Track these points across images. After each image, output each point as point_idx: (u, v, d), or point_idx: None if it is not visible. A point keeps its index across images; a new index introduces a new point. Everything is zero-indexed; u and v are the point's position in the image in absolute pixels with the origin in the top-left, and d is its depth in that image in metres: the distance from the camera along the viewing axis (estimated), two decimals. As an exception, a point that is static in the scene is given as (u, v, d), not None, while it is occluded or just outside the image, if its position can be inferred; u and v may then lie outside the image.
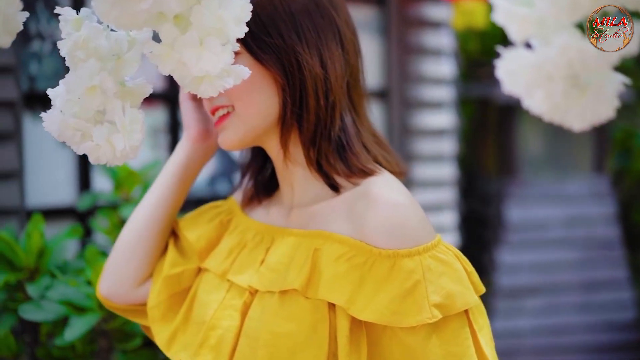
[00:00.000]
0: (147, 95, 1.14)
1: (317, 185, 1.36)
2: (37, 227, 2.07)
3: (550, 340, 4.75)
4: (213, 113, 1.37)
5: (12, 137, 2.64)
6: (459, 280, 1.25)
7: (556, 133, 4.89)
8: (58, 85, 1.10)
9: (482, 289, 1.29)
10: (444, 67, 4.05)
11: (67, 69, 1.08)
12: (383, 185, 1.30)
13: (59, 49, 1.08)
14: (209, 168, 3.45)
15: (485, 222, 5.07)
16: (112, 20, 1.03)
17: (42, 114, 1.09)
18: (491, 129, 5.28)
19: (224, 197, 1.51)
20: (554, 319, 4.78)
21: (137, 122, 1.10)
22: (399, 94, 3.95)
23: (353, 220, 1.27)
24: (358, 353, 1.23)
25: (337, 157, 1.33)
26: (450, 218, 4.14)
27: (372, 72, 3.94)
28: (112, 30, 1.10)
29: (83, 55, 1.07)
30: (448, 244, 1.29)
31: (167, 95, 3.32)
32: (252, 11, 1.08)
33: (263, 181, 1.50)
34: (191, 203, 1.79)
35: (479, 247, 5.00)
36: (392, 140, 3.95)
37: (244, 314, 1.31)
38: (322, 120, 1.31)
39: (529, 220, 4.88)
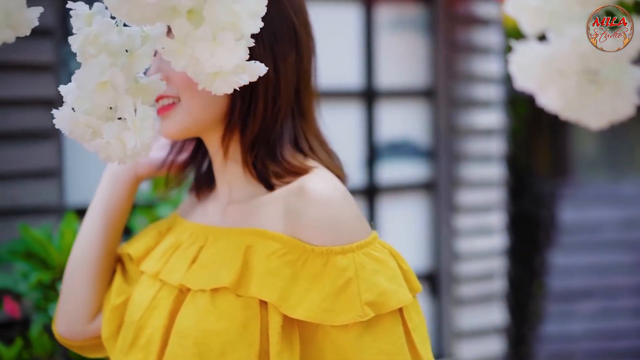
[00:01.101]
0: (160, 92, 1.12)
1: (252, 183, 1.35)
2: (70, 225, 2.07)
3: (604, 345, 4.70)
4: (157, 100, 1.34)
5: (51, 135, 2.65)
6: (393, 279, 1.23)
7: (612, 132, 4.79)
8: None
9: (419, 288, 1.28)
10: (493, 66, 4.01)
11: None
12: (317, 181, 1.27)
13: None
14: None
15: (537, 223, 5.01)
16: (124, 15, 1.00)
17: (54, 111, 1.07)
18: (544, 128, 5.22)
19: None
20: (607, 323, 4.72)
21: (148, 120, 1.08)
22: (446, 93, 3.93)
23: (287, 217, 1.25)
24: (290, 351, 1.22)
25: (272, 161, 1.32)
26: (497, 219, 4.10)
27: (418, 71, 3.92)
28: (125, 25, 1.07)
29: (94, 50, 1.04)
30: (384, 241, 1.28)
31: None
32: None
33: (202, 176, 1.50)
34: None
35: (530, 249, 4.94)
36: (439, 140, 3.94)
37: (173, 312, 1.30)
38: (266, 125, 1.31)
39: (583, 221, 4.82)
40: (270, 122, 1.32)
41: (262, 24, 1.05)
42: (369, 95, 3.79)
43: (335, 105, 3.72)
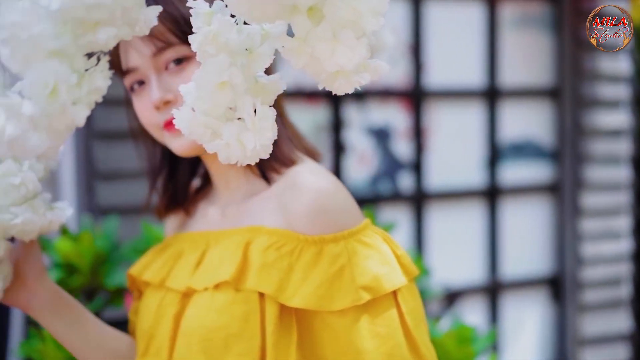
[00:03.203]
0: (281, 91, 1.10)
1: (250, 180, 1.40)
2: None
3: None
4: (167, 126, 1.36)
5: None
6: (386, 263, 1.28)
7: None
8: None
9: (415, 272, 1.33)
10: (621, 64, 3.91)
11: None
12: (307, 173, 1.33)
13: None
14: (369, 168, 3.43)
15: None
16: (244, 13, 0.99)
17: (174, 111, 1.07)
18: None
19: (385, 198, 1.44)
20: None
21: (268, 120, 1.06)
22: (572, 92, 3.84)
23: (281, 211, 1.30)
24: (288, 340, 1.26)
25: (271, 156, 1.30)
26: (625, 222, 4.00)
27: (542, 70, 3.85)
28: (245, 24, 1.06)
29: (213, 49, 1.03)
30: (377, 228, 1.33)
31: (330, 93, 3.30)
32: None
33: (179, 188, 1.53)
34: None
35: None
36: (563, 141, 3.87)
37: (177, 316, 1.34)
38: None
39: None
40: None
41: (383, 21, 1.02)
42: (492, 95, 3.73)
43: (457, 105, 3.68)
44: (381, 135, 3.52)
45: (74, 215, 2.71)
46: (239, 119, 1.06)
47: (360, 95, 3.44)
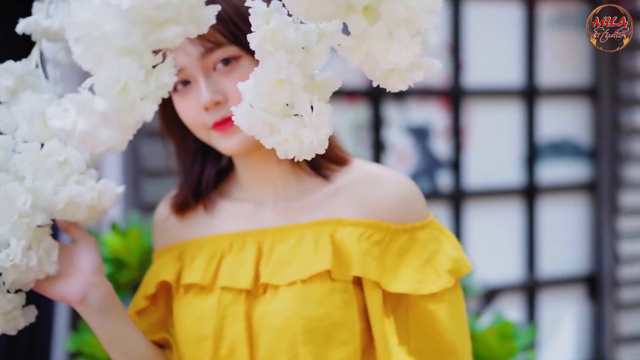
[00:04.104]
0: (336, 89, 1.13)
1: (300, 178, 1.43)
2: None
3: None
4: (217, 126, 1.36)
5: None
6: (457, 247, 1.39)
7: None
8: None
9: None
10: (659, 63, 3.88)
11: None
12: (376, 167, 1.43)
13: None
14: (409, 166, 3.45)
15: None
16: (301, 12, 1.02)
17: (232, 108, 1.10)
18: None
19: (424, 196, 1.47)
20: None
21: (325, 116, 1.09)
22: (610, 91, 3.83)
23: (360, 202, 1.36)
24: (389, 323, 1.33)
25: (322, 155, 1.34)
26: (667, 225, 3.98)
27: (580, 69, 3.85)
28: (301, 22, 1.09)
29: (272, 48, 1.06)
30: None
31: (370, 92, 3.33)
32: (239, 11, 1.17)
33: (205, 185, 1.50)
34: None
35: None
36: (601, 140, 3.86)
37: (248, 314, 1.34)
38: None
39: None
40: None
41: (437, 20, 1.05)
42: (530, 94, 3.73)
43: (495, 104, 3.68)
44: (420, 134, 3.53)
45: (122, 212, 2.75)
46: (296, 115, 1.09)
47: (399, 95, 3.45)
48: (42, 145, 1.27)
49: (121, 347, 1.37)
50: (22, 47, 1.84)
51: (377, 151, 3.42)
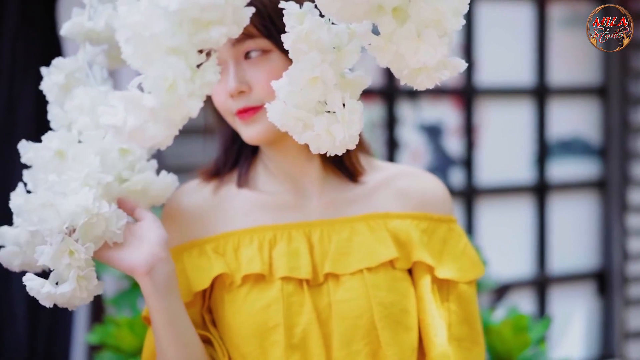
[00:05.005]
0: (366, 86, 1.16)
1: (331, 176, 1.46)
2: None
3: None
4: (241, 113, 1.38)
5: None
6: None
7: None
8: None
9: None
10: (670, 61, 3.90)
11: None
12: (405, 165, 1.55)
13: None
14: (422, 164, 3.50)
15: None
16: (334, 13, 1.06)
17: (267, 105, 1.13)
18: None
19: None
20: None
21: (356, 113, 1.12)
22: (619, 90, 3.86)
23: (402, 196, 1.44)
24: (439, 310, 1.40)
25: (346, 156, 1.45)
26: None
27: (591, 68, 3.88)
28: (332, 23, 1.12)
29: (305, 47, 1.10)
30: None
31: (384, 90, 3.36)
32: (279, 8, 1.14)
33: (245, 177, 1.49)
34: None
35: None
36: (611, 138, 3.89)
37: (316, 303, 1.36)
38: None
39: None
40: None
41: (464, 22, 1.09)
42: (541, 93, 3.77)
43: (506, 103, 3.72)
44: (433, 132, 3.57)
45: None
46: (328, 112, 1.12)
47: (413, 94, 3.49)
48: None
49: (177, 329, 1.31)
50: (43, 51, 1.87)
51: (391, 149, 3.46)
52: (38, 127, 2.62)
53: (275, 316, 1.34)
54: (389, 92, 3.39)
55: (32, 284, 1.22)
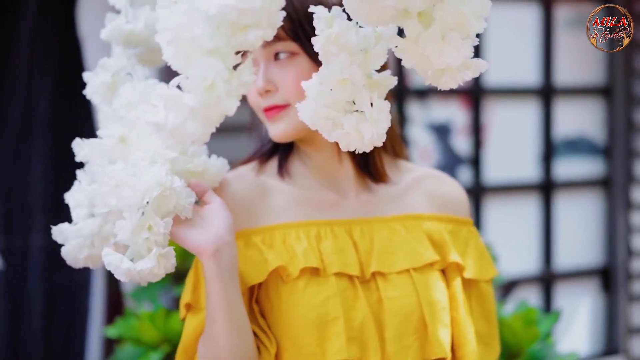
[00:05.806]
0: (392, 87, 1.20)
1: (361, 176, 1.49)
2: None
3: None
4: (267, 111, 1.42)
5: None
6: None
7: None
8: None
9: None
10: (674, 61, 3.92)
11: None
12: (428, 168, 1.59)
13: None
14: (430, 163, 3.54)
15: None
16: (362, 17, 1.09)
17: (297, 104, 1.18)
18: None
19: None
20: None
21: (384, 112, 1.16)
22: (624, 90, 3.89)
23: (429, 197, 1.50)
24: (467, 309, 1.46)
25: (371, 157, 1.48)
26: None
27: (596, 68, 3.91)
28: (360, 27, 1.16)
29: (335, 50, 1.13)
30: None
31: (394, 90, 3.36)
32: (308, 13, 1.17)
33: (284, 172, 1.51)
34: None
35: None
36: (615, 137, 3.91)
37: (369, 299, 1.39)
38: None
39: None
40: None
41: (486, 25, 1.13)
42: (547, 93, 3.80)
43: (512, 102, 3.76)
44: (442, 131, 3.60)
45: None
46: (357, 111, 1.16)
47: (422, 93, 3.53)
48: None
49: (234, 315, 1.31)
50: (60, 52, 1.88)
51: (400, 148, 3.46)
52: (54, 126, 2.66)
53: (335, 309, 1.36)
54: (398, 92, 3.41)
55: (111, 259, 1.21)
